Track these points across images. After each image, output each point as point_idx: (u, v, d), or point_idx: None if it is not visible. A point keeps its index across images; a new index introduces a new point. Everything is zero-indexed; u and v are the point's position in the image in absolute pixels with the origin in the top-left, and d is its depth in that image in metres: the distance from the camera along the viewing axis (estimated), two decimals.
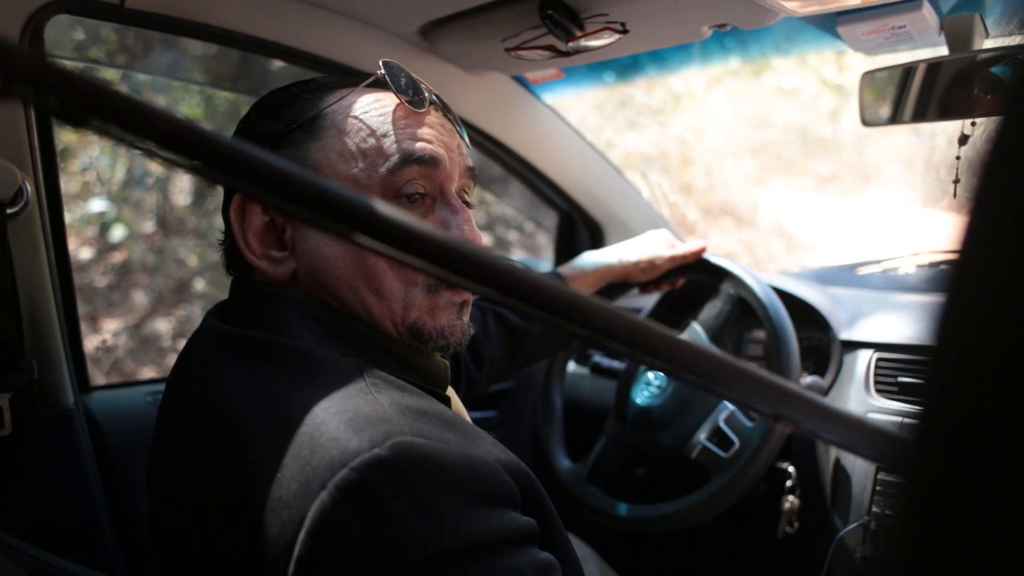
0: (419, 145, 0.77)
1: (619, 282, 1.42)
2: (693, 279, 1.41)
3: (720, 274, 1.36)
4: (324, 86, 0.81)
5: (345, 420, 0.60)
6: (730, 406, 1.23)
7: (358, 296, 0.76)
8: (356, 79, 0.81)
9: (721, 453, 1.21)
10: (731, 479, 1.17)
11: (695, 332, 1.33)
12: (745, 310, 1.35)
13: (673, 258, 1.37)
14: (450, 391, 0.87)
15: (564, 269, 1.38)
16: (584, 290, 1.36)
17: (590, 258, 1.39)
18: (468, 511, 0.58)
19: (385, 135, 0.76)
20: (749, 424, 1.22)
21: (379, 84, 0.80)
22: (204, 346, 0.76)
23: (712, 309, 1.35)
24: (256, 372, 0.68)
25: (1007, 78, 1.02)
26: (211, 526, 0.64)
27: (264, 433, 0.62)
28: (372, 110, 0.78)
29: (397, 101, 0.79)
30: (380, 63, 0.80)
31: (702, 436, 1.22)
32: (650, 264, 1.38)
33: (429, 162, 0.77)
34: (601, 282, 1.39)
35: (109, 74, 3.72)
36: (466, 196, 0.85)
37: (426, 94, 0.81)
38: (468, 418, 0.87)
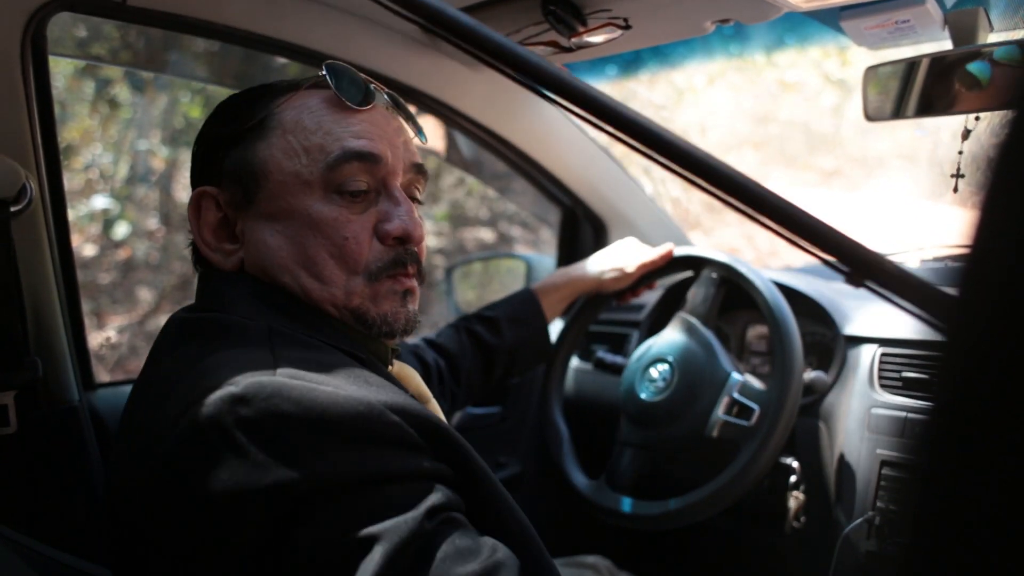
0: (359, 142, 0.80)
1: (593, 293, 1.46)
2: (684, 278, 1.42)
3: (694, 263, 1.40)
4: (274, 90, 0.84)
5: (228, 369, 0.63)
6: (740, 378, 1.24)
7: (299, 282, 0.79)
8: (304, 82, 0.84)
9: (744, 423, 1.20)
10: (761, 442, 1.17)
11: (685, 321, 1.34)
12: (730, 290, 1.37)
13: (642, 265, 1.42)
14: (408, 371, 0.91)
15: (536, 285, 1.43)
16: (555, 304, 1.42)
17: (561, 273, 1.45)
18: (326, 446, 0.60)
19: (327, 133, 0.80)
20: (762, 388, 1.22)
21: (323, 85, 0.83)
22: (164, 337, 0.81)
23: (696, 296, 1.36)
24: (189, 346, 0.72)
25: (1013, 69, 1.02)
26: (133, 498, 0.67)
27: (175, 396, 0.65)
28: (316, 110, 0.81)
29: (339, 100, 0.81)
30: (323, 65, 0.82)
31: (720, 412, 1.22)
32: (620, 272, 1.43)
33: (369, 158, 0.80)
34: (573, 295, 1.45)
35: (112, 71, 3.72)
36: (416, 192, 0.88)
37: (373, 92, 0.84)
38: (428, 396, 0.92)
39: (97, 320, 3.66)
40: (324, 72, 0.82)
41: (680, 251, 1.42)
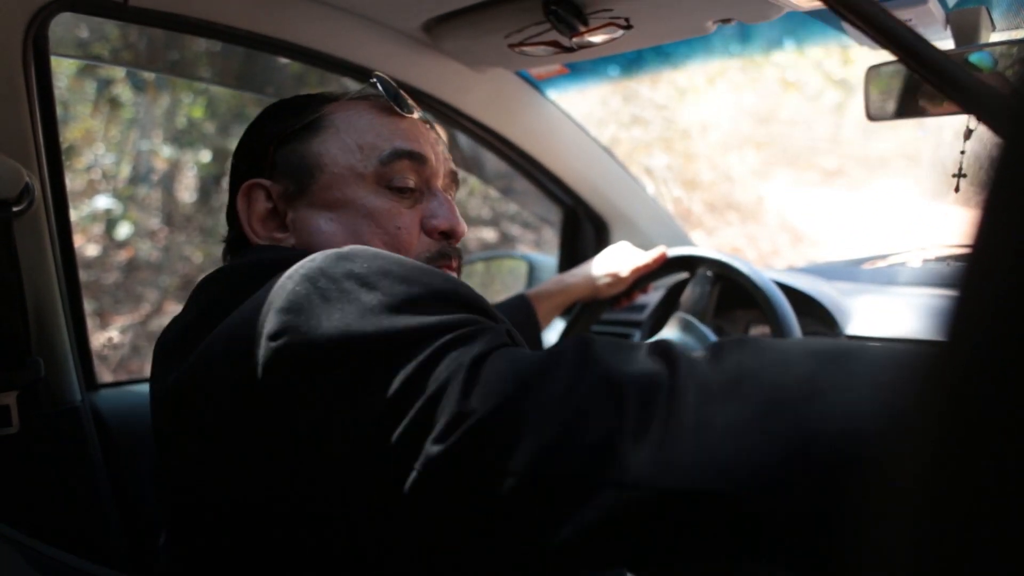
0: (409, 143, 0.87)
1: (588, 299, 1.48)
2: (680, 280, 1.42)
3: (689, 263, 1.41)
4: (324, 97, 0.91)
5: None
6: None
7: None
8: (351, 93, 0.91)
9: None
10: None
11: (683, 319, 1.34)
12: (725, 288, 1.38)
13: (636, 269, 1.43)
14: None
15: (530, 291, 1.44)
16: (550, 311, 1.43)
17: (555, 280, 1.47)
18: (425, 302, 0.60)
19: (379, 133, 0.86)
20: None
21: (370, 94, 0.90)
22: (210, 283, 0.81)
23: (692, 294, 1.37)
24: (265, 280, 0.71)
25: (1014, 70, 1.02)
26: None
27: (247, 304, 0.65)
28: (367, 113, 0.88)
29: (387, 108, 0.89)
30: (374, 75, 0.89)
31: None
32: (614, 277, 1.44)
33: (418, 158, 0.86)
34: (568, 301, 1.46)
35: (114, 71, 3.73)
36: (450, 197, 0.93)
37: (413, 105, 0.91)
38: None
39: (99, 320, 3.66)
40: (374, 81, 0.89)
41: (674, 252, 1.43)
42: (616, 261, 1.46)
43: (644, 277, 1.46)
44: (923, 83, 1.12)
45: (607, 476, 0.48)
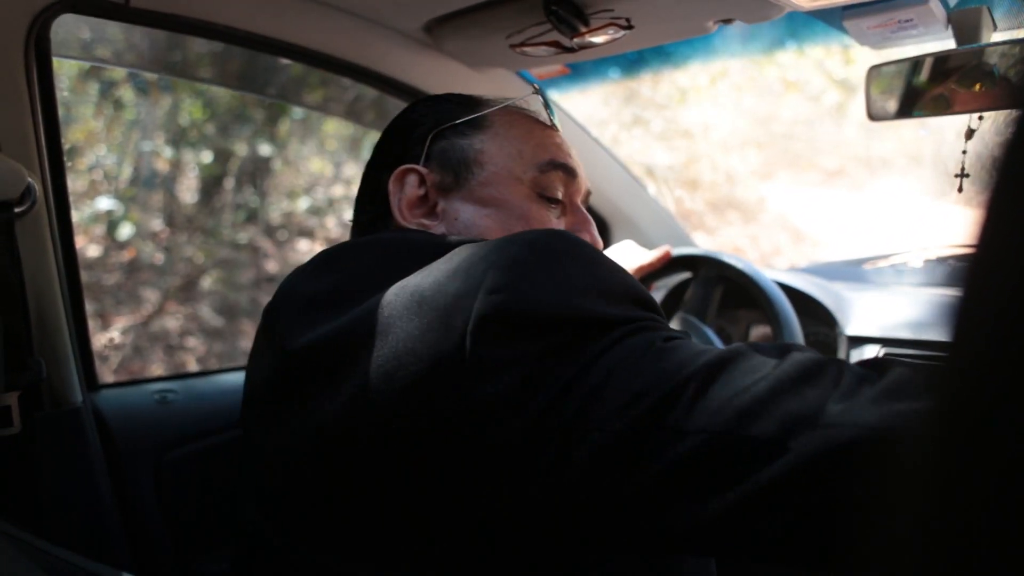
0: (565, 156, 0.90)
1: None
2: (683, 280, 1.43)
3: (692, 262, 1.42)
4: (482, 99, 0.94)
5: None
6: None
7: None
8: (511, 99, 0.95)
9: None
10: None
11: (685, 319, 1.35)
12: (728, 289, 1.39)
13: (640, 267, 1.44)
14: None
15: None
16: None
17: None
18: (629, 294, 0.63)
19: (539, 143, 0.89)
20: None
21: (525, 105, 0.94)
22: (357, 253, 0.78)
23: (694, 296, 1.38)
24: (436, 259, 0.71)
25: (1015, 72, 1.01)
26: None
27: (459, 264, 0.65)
28: (525, 121, 0.91)
29: (540, 121, 0.93)
30: (534, 87, 0.96)
31: None
32: None
33: (571, 172, 0.90)
34: None
35: (117, 73, 3.73)
36: None
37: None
38: None
39: (101, 321, 3.66)
40: (536, 92, 0.94)
41: (678, 251, 1.43)
42: (620, 259, 1.46)
43: (647, 276, 1.46)
44: (925, 83, 1.12)
45: (805, 422, 0.49)
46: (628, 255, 1.46)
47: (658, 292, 1.71)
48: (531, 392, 0.56)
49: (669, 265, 1.44)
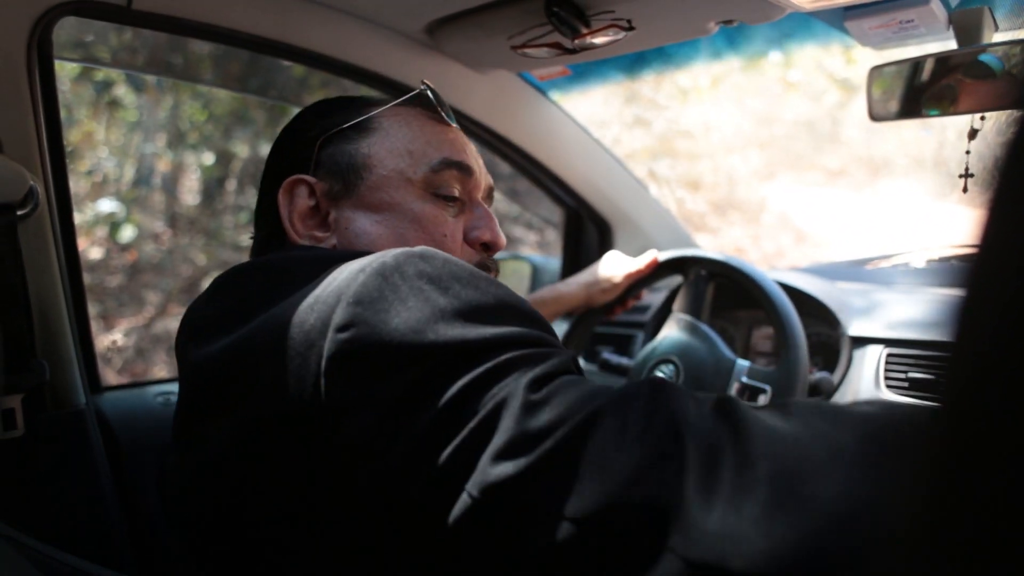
0: (459, 153, 0.87)
1: (583, 307, 1.49)
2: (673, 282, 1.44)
3: (680, 264, 1.43)
4: (370, 100, 0.91)
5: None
6: (745, 363, 1.25)
7: None
8: (398, 98, 0.91)
9: (757, 404, 1.21)
10: None
11: (681, 319, 1.35)
12: (721, 286, 1.41)
13: (629, 274, 1.45)
14: None
15: (527, 298, 1.43)
16: (546, 319, 1.41)
17: (549, 289, 1.49)
18: (494, 313, 0.61)
19: (429, 141, 0.86)
20: (770, 369, 1.23)
21: (416, 102, 0.90)
22: (244, 278, 0.77)
23: (687, 295, 1.39)
24: (313, 276, 0.70)
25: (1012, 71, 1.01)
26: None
27: (319, 294, 0.63)
28: (415, 120, 0.88)
29: (433, 117, 0.89)
30: (422, 83, 0.90)
31: None
32: (609, 283, 1.46)
33: (465, 169, 0.87)
34: (562, 309, 1.48)
35: (111, 74, 3.73)
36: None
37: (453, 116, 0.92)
38: None
39: (104, 323, 3.67)
40: (423, 89, 0.89)
41: (665, 255, 1.44)
42: (609, 269, 1.47)
43: (637, 283, 1.48)
44: (926, 83, 1.12)
45: (672, 544, 0.45)
46: (617, 264, 1.48)
47: (659, 293, 1.71)
48: (390, 436, 0.55)
49: (659, 269, 1.45)
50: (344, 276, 0.62)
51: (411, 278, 0.60)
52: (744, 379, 1.24)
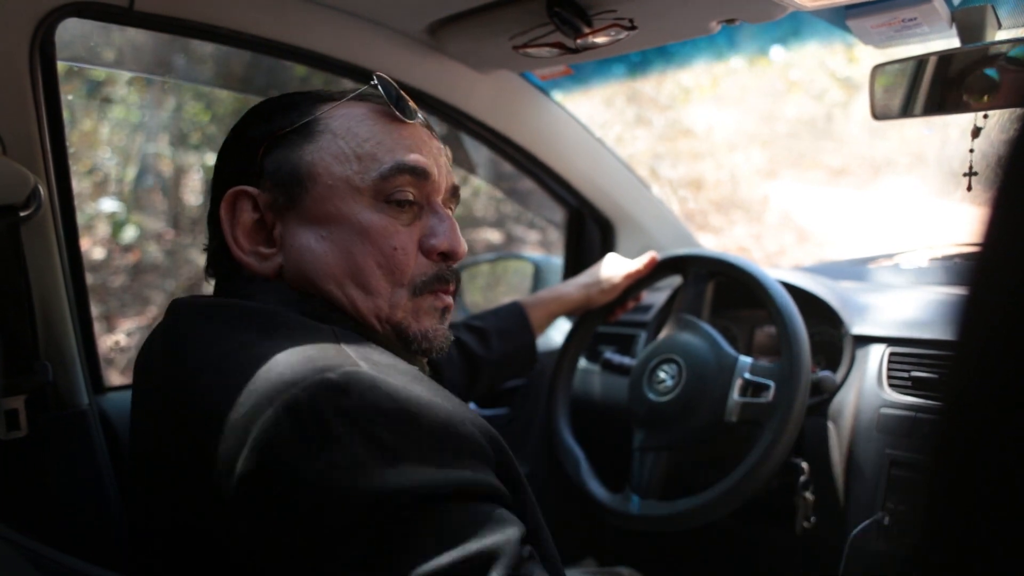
0: (412, 156, 0.80)
1: (583, 307, 1.48)
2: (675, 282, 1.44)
3: (680, 263, 1.43)
4: (318, 96, 0.83)
5: (302, 353, 0.61)
6: (748, 359, 1.25)
7: (345, 291, 0.78)
8: (349, 92, 0.84)
9: (761, 400, 1.21)
10: (784, 413, 1.18)
11: (682, 318, 1.36)
12: (720, 284, 1.41)
13: (628, 275, 1.45)
14: None
15: (525, 300, 1.44)
16: (543, 319, 1.43)
17: (549, 289, 1.48)
18: (419, 452, 0.59)
19: (380, 143, 0.79)
20: (774, 365, 1.24)
21: (370, 96, 0.83)
22: (176, 319, 0.79)
23: (686, 295, 1.39)
24: (226, 329, 0.70)
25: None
26: (174, 470, 0.66)
27: (226, 376, 0.63)
28: (366, 119, 0.81)
29: (388, 113, 0.82)
30: (375, 76, 0.82)
31: (736, 395, 1.23)
32: (608, 284, 1.45)
33: (420, 173, 0.80)
34: (562, 310, 1.47)
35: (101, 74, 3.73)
36: (449, 212, 0.87)
37: (415, 110, 0.84)
38: None
39: (107, 324, 3.67)
40: (375, 83, 0.82)
41: (663, 255, 1.44)
42: (608, 270, 1.47)
43: (636, 284, 1.47)
44: (929, 81, 1.12)
45: None
46: (616, 265, 1.47)
47: (659, 293, 1.71)
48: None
49: (658, 269, 1.45)
50: (251, 403, 0.59)
51: (327, 419, 0.57)
52: (747, 375, 1.24)
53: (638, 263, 1.45)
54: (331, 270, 0.78)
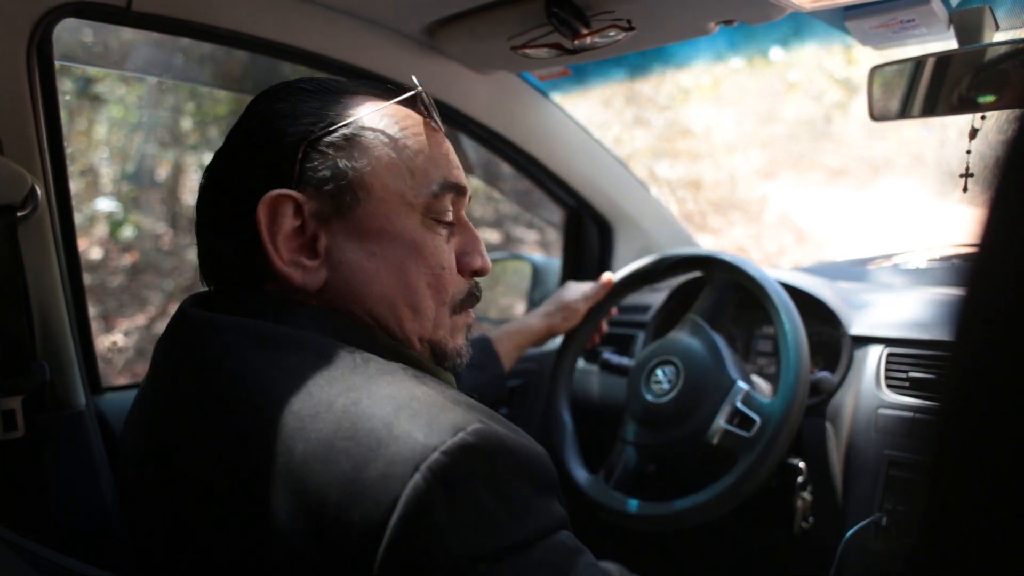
0: (455, 173, 0.79)
1: (547, 336, 1.48)
2: (691, 276, 1.42)
3: (705, 263, 1.40)
4: (348, 90, 0.78)
5: (410, 409, 0.59)
6: (744, 386, 1.24)
7: (395, 312, 0.75)
8: (378, 89, 0.80)
9: (744, 433, 1.20)
10: (758, 456, 1.17)
11: (694, 322, 1.34)
12: (743, 298, 1.38)
13: (587, 298, 1.46)
14: None
15: (493, 333, 1.44)
16: (511, 352, 1.42)
17: (515, 322, 1.47)
18: (539, 498, 0.60)
19: (429, 158, 0.77)
20: (766, 401, 1.22)
21: (403, 102, 0.79)
22: (206, 338, 0.71)
23: (707, 299, 1.37)
24: (284, 360, 0.65)
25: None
26: (235, 510, 0.61)
27: (313, 422, 0.59)
28: (408, 128, 0.77)
29: (423, 122, 0.79)
30: (415, 80, 0.79)
31: (722, 421, 1.22)
32: (568, 310, 1.46)
33: (462, 191, 0.80)
34: (528, 341, 1.46)
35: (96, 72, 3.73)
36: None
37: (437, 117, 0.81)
38: None
39: (104, 324, 3.67)
40: (420, 91, 0.79)
41: (689, 251, 1.43)
42: (567, 297, 1.48)
43: (601, 304, 1.48)
44: (927, 83, 1.12)
45: None
46: (575, 291, 1.48)
47: (660, 293, 1.70)
48: None
49: (678, 265, 1.44)
50: (384, 465, 0.56)
51: (472, 485, 0.56)
52: (738, 404, 1.22)
53: (595, 285, 1.46)
54: (384, 290, 0.74)
